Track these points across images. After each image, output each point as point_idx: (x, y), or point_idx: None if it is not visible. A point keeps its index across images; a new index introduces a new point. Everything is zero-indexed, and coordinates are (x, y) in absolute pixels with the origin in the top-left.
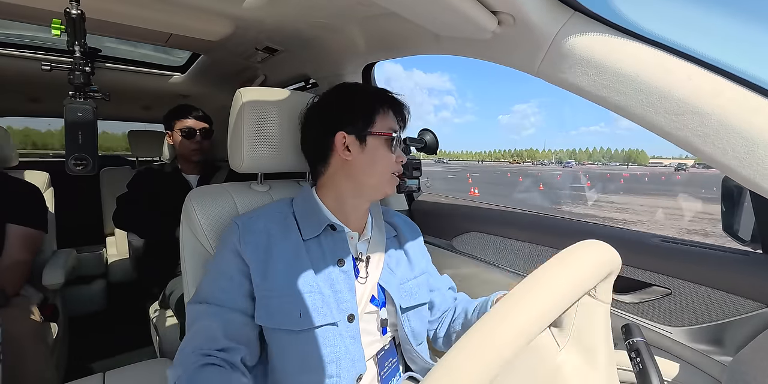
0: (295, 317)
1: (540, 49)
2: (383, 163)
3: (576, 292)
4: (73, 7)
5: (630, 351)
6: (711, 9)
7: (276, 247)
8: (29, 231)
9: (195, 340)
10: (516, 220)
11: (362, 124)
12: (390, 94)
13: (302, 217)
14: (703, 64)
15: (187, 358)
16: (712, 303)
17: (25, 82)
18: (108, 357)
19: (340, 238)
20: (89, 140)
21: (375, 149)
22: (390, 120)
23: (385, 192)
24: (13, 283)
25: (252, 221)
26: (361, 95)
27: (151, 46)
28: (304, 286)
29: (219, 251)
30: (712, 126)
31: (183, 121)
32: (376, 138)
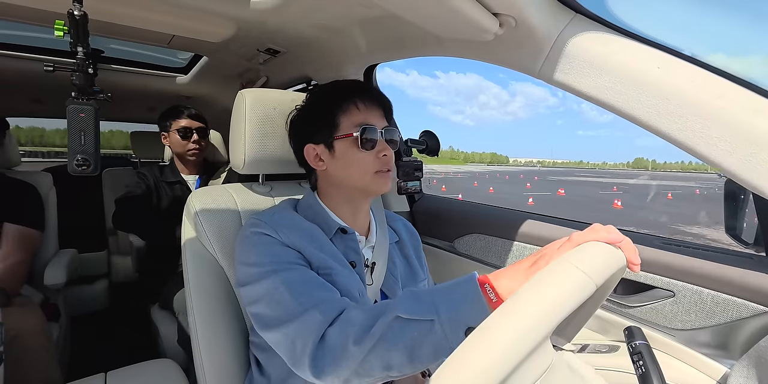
0: (354, 294)
1: (541, 51)
2: (358, 164)
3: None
4: (76, 8)
5: (632, 354)
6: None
7: (304, 239)
8: (25, 230)
9: (311, 291)
10: (519, 221)
11: (326, 131)
12: (353, 86)
13: (311, 222)
14: (706, 66)
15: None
16: (715, 305)
17: (28, 83)
18: (110, 357)
19: (351, 241)
20: (91, 141)
21: (345, 153)
22: (357, 115)
23: (377, 191)
24: (11, 283)
25: (275, 216)
26: (318, 101)
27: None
28: (345, 268)
29: (255, 243)
30: (715, 128)
31: (178, 121)
32: (343, 141)
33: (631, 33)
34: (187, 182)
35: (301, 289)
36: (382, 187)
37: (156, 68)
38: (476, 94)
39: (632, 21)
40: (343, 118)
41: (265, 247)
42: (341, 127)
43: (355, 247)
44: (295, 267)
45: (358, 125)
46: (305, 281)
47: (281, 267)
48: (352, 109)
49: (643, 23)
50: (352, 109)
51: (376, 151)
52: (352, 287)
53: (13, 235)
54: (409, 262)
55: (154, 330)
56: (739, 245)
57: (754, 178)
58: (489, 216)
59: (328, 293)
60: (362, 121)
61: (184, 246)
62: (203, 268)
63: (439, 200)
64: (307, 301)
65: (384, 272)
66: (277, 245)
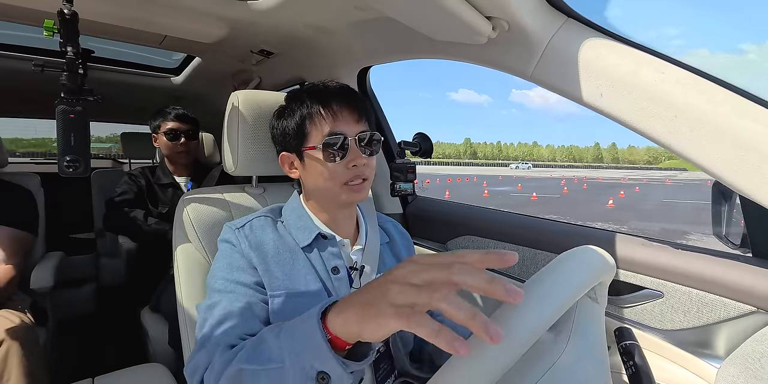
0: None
1: (534, 54)
2: (327, 176)
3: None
4: (66, 7)
5: (623, 354)
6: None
7: (272, 252)
8: (20, 234)
9: (229, 325)
10: (512, 223)
11: (296, 141)
12: (324, 92)
13: (293, 227)
14: (695, 70)
15: (218, 342)
16: (703, 306)
17: (18, 83)
18: (98, 361)
19: (332, 246)
20: (81, 142)
21: (313, 165)
22: (325, 124)
23: (348, 202)
24: (4, 288)
25: (247, 226)
26: (289, 110)
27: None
28: (309, 287)
29: (219, 255)
30: (703, 132)
31: (166, 123)
32: (311, 152)
33: (621, 37)
34: (178, 183)
35: (220, 321)
36: (353, 198)
37: (148, 69)
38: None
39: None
40: (311, 127)
41: (224, 259)
42: (309, 137)
43: (336, 252)
44: (236, 289)
45: (326, 136)
46: (230, 312)
47: (225, 287)
48: (320, 118)
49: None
50: (319, 118)
51: (345, 162)
52: (317, 301)
53: (7, 238)
54: (400, 261)
55: (143, 333)
56: (726, 246)
57: (740, 180)
58: (482, 218)
59: (242, 326)
60: (330, 130)
61: (176, 248)
62: (195, 270)
63: (432, 202)
64: (211, 337)
65: (374, 275)
66: (235, 260)
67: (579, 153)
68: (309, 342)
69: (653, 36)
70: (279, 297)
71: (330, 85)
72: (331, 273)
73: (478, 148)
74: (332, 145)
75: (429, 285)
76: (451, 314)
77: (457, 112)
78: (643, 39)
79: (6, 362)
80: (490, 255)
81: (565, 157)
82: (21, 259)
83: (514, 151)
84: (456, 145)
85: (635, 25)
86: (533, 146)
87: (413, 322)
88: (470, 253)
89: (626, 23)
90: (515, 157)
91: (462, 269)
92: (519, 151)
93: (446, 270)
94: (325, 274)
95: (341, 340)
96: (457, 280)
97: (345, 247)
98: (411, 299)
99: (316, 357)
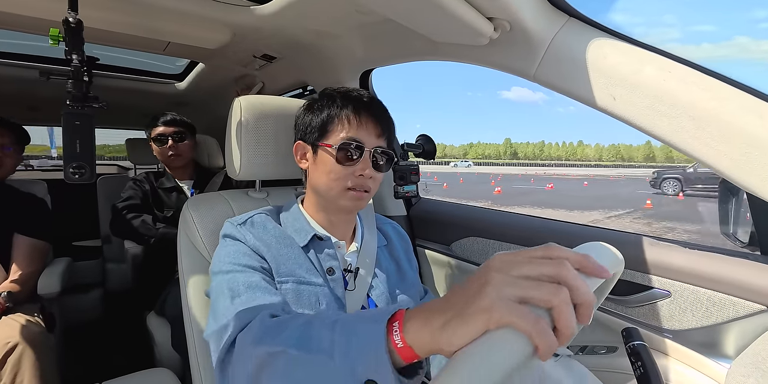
0: (314, 304)
1: (536, 54)
2: (333, 175)
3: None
4: (71, 16)
5: (630, 354)
6: None
7: (275, 244)
8: (38, 243)
9: (248, 297)
10: (516, 223)
11: (317, 134)
12: (359, 99)
13: (290, 228)
14: (698, 68)
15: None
16: (711, 305)
17: (24, 91)
18: (105, 366)
19: (327, 248)
20: (87, 148)
21: (324, 161)
22: (348, 129)
23: (345, 208)
24: (20, 294)
25: (249, 221)
26: (321, 104)
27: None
28: (312, 278)
29: (220, 249)
30: (709, 129)
31: (155, 129)
32: (325, 149)
33: (624, 36)
34: (181, 187)
35: (241, 290)
36: (351, 204)
37: (152, 75)
38: None
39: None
40: (334, 127)
41: (229, 249)
42: (329, 135)
43: (332, 253)
44: (246, 270)
45: (345, 140)
46: (250, 284)
47: (234, 268)
48: (346, 121)
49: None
50: (345, 121)
51: (355, 168)
52: (321, 295)
53: (26, 247)
54: (399, 264)
55: (150, 338)
56: (734, 245)
57: (747, 177)
58: (486, 219)
59: (266, 296)
60: (351, 136)
61: (181, 252)
62: (199, 274)
63: (436, 204)
64: (239, 304)
65: (370, 278)
66: (240, 248)
67: (628, 152)
68: (370, 348)
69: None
70: (287, 283)
71: (362, 93)
72: (326, 274)
73: (518, 148)
74: (348, 149)
75: (541, 280)
76: (564, 320)
77: (511, 110)
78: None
79: (20, 365)
80: (590, 260)
81: (612, 156)
82: (37, 266)
83: (557, 151)
84: (496, 145)
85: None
86: (578, 145)
87: (515, 314)
88: (570, 252)
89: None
90: (558, 158)
91: (572, 270)
92: (562, 151)
93: (561, 267)
94: (322, 275)
95: (407, 351)
96: (571, 282)
97: (341, 248)
98: (525, 293)
99: (373, 366)
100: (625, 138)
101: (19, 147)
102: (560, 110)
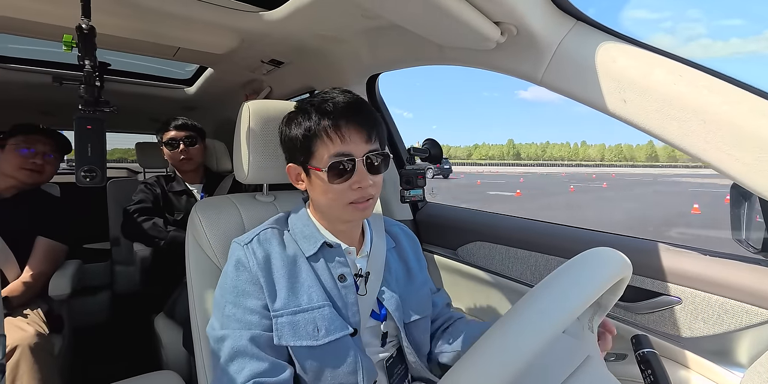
0: (311, 332)
1: (543, 58)
2: (331, 195)
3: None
4: (84, 22)
5: (640, 362)
6: None
7: (278, 264)
8: (55, 244)
9: (239, 364)
10: (523, 228)
11: (303, 157)
12: (334, 110)
13: (298, 236)
14: (711, 72)
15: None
16: (724, 312)
17: (37, 96)
18: (112, 368)
19: (338, 255)
20: (98, 152)
21: (318, 182)
22: (332, 146)
23: (351, 220)
24: (25, 293)
25: (255, 240)
26: (297, 123)
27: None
28: (312, 301)
29: (228, 274)
30: (721, 133)
31: (166, 133)
32: (316, 173)
33: (632, 39)
34: (191, 191)
35: (230, 358)
36: (357, 216)
37: (162, 80)
38: None
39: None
40: (318, 146)
41: (232, 282)
42: (315, 155)
43: (343, 260)
44: (242, 319)
45: (331, 157)
46: (238, 350)
47: (234, 313)
48: (327, 138)
49: None
50: (326, 138)
51: (350, 183)
52: (320, 319)
53: (44, 248)
54: (408, 266)
55: (157, 340)
56: (747, 251)
57: (760, 182)
58: (492, 223)
59: (252, 365)
60: (337, 151)
61: (188, 255)
62: (207, 277)
63: (443, 208)
64: (231, 371)
65: (380, 282)
66: (240, 283)
67: (630, 152)
68: None
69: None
70: (282, 317)
71: (338, 99)
72: (338, 281)
73: (521, 149)
74: (337, 167)
75: None
76: None
77: (528, 110)
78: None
79: (17, 369)
80: None
81: (614, 156)
82: (48, 267)
83: (559, 150)
84: (500, 146)
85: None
86: (581, 146)
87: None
88: None
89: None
90: (560, 158)
91: None
92: (564, 152)
93: None
94: (331, 282)
95: None
96: None
97: (351, 254)
98: None
99: None
100: (630, 138)
101: (59, 155)
102: (580, 109)
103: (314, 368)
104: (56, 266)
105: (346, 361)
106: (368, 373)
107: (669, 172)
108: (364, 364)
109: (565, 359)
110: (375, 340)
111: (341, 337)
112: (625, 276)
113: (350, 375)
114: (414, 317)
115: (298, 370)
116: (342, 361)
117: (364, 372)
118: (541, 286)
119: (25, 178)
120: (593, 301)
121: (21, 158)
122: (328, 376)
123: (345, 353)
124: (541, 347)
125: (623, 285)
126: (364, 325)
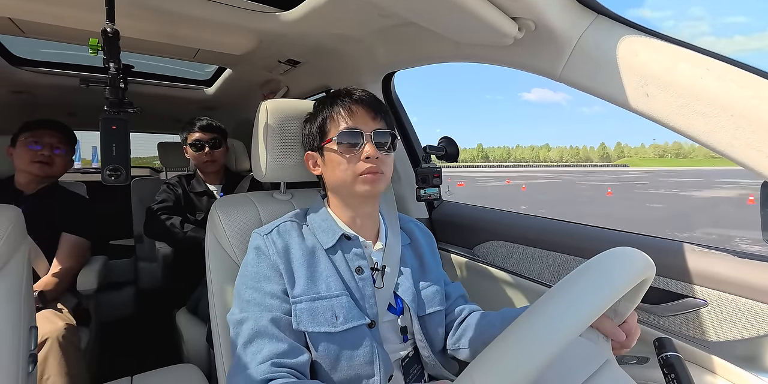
0: (330, 319)
1: (562, 53)
2: (343, 167)
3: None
4: (109, 26)
5: (663, 366)
6: None
7: (297, 254)
8: (80, 240)
9: (258, 345)
10: (541, 227)
11: (318, 139)
12: (342, 93)
13: (317, 229)
14: (739, 65)
15: (256, 371)
16: (753, 316)
17: (65, 98)
18: (136, 361)
19: (355, 247)
20: (123, 152)
21: (331, 158)
22: (342, 121)
23: (363, 193)
24: (56, 289)
25: (275, 231)
26: (314, 112)
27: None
28: (330, 290)
29: (248, 262)
30: (750, 129)
31: (192, 134)
32: (328, 147)
33: (656, 32)
34: (212, 191)
35: (249, 340)
36: (368, 188)
37: (182, 81)
38: None
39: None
40: (330, 125)
41: (252, 267)
42: (328, 133)
43: (360, 252)
44: (263, 301)
45: (343, 129)
46: (259, 330)
47: (253, 298)
48: (338, 116)
49: None
50: (338, 117)
51: (360, 154)
52: (338, 307)
53: (70, 244)
54: (423, 261)
55: (178, 335)
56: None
57: None
58: (509, 222)
59: (272, 346)
60: (347, 126)
61: (208, 253)
62: (226, 274)
63: (459, 207)
64: (249, 352)
65: (396, 275)
66: (262, 269)
67: (586, 153)
68: None
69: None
70: (300, 303)
71: (351, 89)
72: (355, 273)
73: (489, 152)
74: (347, 138)
75: None
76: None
77: (532, 112)
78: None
79: (46, 362)
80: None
81: (571, 158)
82: (78, 263)
83: (522, 153)
84: (471, 149)
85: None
86: (541, 148)
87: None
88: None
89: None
90: (523, 160)
91: None
92: (527, 154)
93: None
94: (349, 274)
95: None
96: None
97: (367, 248)
98: None
99: None
100: (586, 141)
101: (69, 148)
102: (585, 110)
103: (331, 356)
104: (82, 262)
105: (363, 351)
106: (385, 365)
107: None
108: (381, 356)
109: (584, 362)
110: (393, 335)
111: (358, 325)
112: (647, 277)
113: (366, 366)
114: (429, 310)
115: (315, 357)
116: (359, 350)
117: (380, 363)
118: (559, 286)
119: (38, 170)
120: (615, 301)
121: (31, 152)
122: (345, 366)
123: (362, 343)
124: (558, 350)
125: (645, 287)
126: (382, 318)
